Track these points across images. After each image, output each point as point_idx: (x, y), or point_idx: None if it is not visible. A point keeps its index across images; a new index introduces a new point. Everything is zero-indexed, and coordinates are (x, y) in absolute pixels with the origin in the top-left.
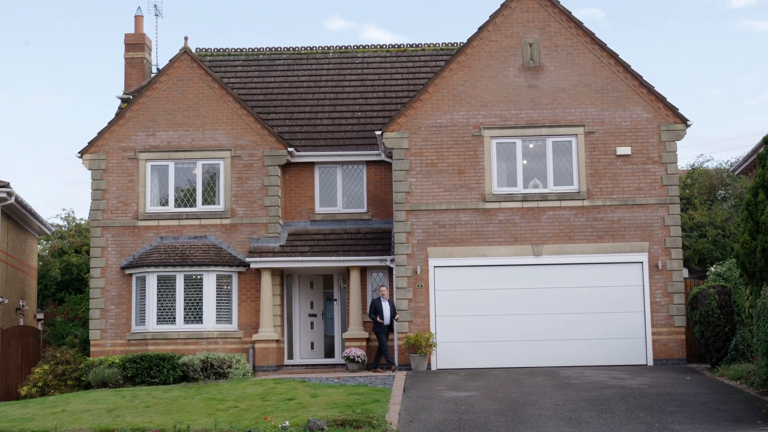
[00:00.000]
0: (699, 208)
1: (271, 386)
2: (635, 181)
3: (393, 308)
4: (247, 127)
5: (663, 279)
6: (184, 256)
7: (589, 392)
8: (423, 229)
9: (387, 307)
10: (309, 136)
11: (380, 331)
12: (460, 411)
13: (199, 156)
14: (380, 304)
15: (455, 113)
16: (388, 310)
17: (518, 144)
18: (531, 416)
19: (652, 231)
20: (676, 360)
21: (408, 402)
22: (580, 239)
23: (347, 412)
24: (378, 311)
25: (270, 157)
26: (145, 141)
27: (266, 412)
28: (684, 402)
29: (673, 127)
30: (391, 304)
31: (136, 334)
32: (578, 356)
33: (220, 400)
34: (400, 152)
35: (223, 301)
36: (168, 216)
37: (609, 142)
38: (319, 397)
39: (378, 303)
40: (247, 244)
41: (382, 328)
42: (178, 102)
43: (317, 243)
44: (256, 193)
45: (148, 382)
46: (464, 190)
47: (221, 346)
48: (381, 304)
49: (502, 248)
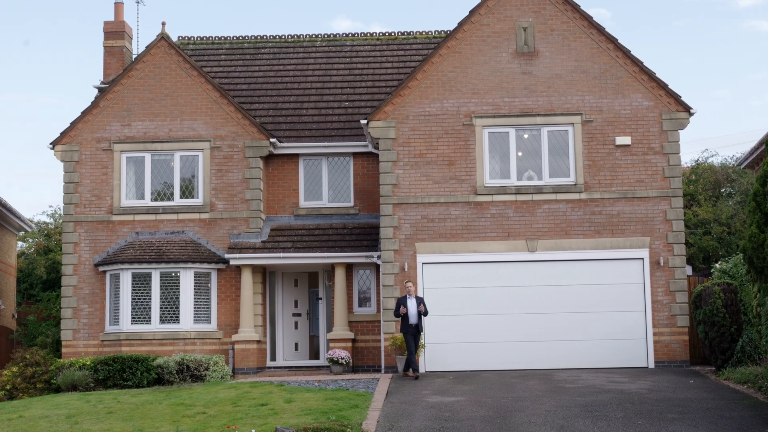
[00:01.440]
0: (703, 205)
1: (245, 390)
2: (635, 173)
3: (421, 306)
4: (228, 117)
5: (665, 276)
6: (160, 253)
7: (585, 397)
8: (411, 223)
9: (413, 305)
10: (293, 126)
11: (406, 332)
12: (443, 418)
13: (176, 147)
14: (405, 301)
15: (445, 101)
16: (414, 307)
17: (512, 133)
18: (519, 424)
19: (653, 225)
20: (679, 362)
21: (389, 408)
22: (577, 234)
23: (321, 419)
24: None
25: (251, 149)
26: (120, 131)
27: (235, 419)
28: (686, 408)
29: (675, 115)
30: (418, 301)
31: (110, 335)
32: (575, 358)
33: (189, 405)
34: (387, 142)
35: (201, 299)
36: (144, 210)
37: (608, 132)
38: (293, 402)
39: (403, 301)
40: (227, 239)
41: (408, 329)
42: (155, 90)
43: (301, 239)
44: (236, 186)
45: (120, 385)
46: (454, 182)
47: (199, 348)
48: (406, 302)
49: (494, 244)
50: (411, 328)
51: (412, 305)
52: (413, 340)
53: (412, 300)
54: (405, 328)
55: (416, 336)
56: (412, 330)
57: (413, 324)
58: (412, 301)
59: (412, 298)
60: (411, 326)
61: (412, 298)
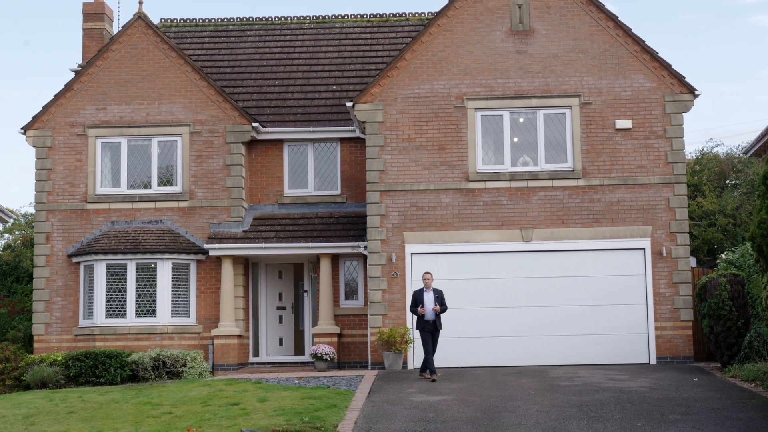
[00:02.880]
0: (708, 196)
1: (219, 388)
2: (636, 158)
3: (440, 300)
4: (208, 101)
5: (667, 267)
6: (136, 243)
7: (581, 396)
8: (399, 211)
9: (430, 299)
10: (278, 111)
11: (423, 329)
12: (426, 419)
13: (154, 132)
14: (421, 295)
15: (435, 82)
16: (432, 302)
17: (506, 117)
18: (508, 426)
19: (655, 214)
20: (682, 358)
21: (369, 408)
22: (575, 223)
23: (294, 420)
24: (419, 304)
25: (233, 134)
26: (95, 116)
27: (202, 420)
28: (690, 408)
29: (679, 97)
30: (436, 295)
31: (84, 329)
32: (572, 354)
33: (156, 404)
34: (374, 126)
35: (179, 292)
36: (120, 198)
37: (607, 115)
38: (267, 401)
39: (419, 295)
40: (207, 229)
41: (425, 326)
42: (132, 72)
43: (285, 228)
44: (217, 173)
45: (93, 382)
46: (445, 168)
47: (177, 343)
48: (423, 296)
49: (487, 233)
50: (428, 325)
51: (429, 300)
52: (431, 339)
53: (429, 294)
54: (421, 324)
55: (434, 334)
56: (429, 327)
57: (430, 320)
58: (429, 295)
59: (429, 292)
60: (428, 323)
61: (429, 292)
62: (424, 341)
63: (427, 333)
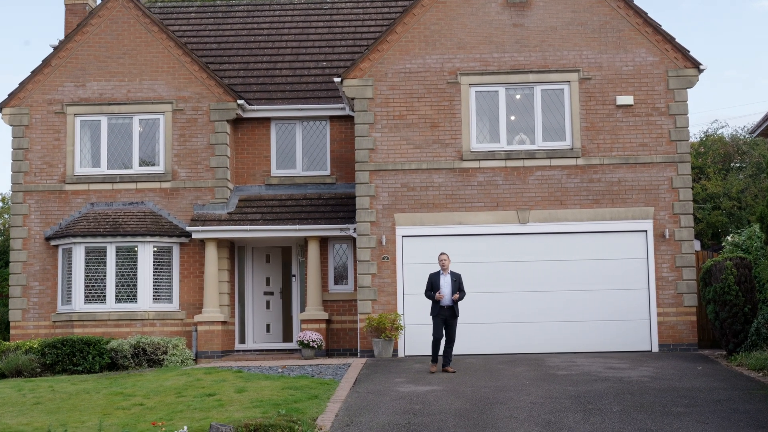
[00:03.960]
0: (713, 178)
1: (198, 377)
2: (638, 136)
3: (458, 285)
4: (191, 77)
5: (671, 250)
6: (116, 225)
7: (578, 387)
8: (389, 192)
9: (447, 283)
10: (265, 88)
11: (437, 314)
12: (412, 412)
13: (135, 110)
14: (438, 279)
15: (428, 57)
16: (449, 286)
17: (501, 93)
18: (498, 419)
19: (657, 194)
20: (686, 345)
21: (353, 399)
22: (574, 204)
23: (270, 412)
24: (435, 289)
25: (217, 111)
26: (74, 93)
27: (174, 412)
28: (694, 400)
29: (683, 72)
30: (454, 279)
31: (62, 315)
32: (570, 341)
33: (129, 395)
34: (363, 102)
35: (162, 276)
36: (100, 179)
37: (608, 90)
38: (246, 392)
39: (435, 278)
40: (190, 211)
41: (440, 312)
42: (112, 48)
43: (271, 210)
44: (201, 152)
45: (70, 370)
46: (438, 146)
47: (159, 329)
48: (439, 279)
49: (481, 215)
50: (443, 311)
51: (446, 284)
52: (443, 326)
53: (447, 278)
54: (436, 310)
55: (450, 322)
56: (444, 314)
57: (446, 306)
58: (447, 279)
59: (446, 275)
60: (443, 309)
61: (446, 275)
62: (435, 327)
63: (440, 320)
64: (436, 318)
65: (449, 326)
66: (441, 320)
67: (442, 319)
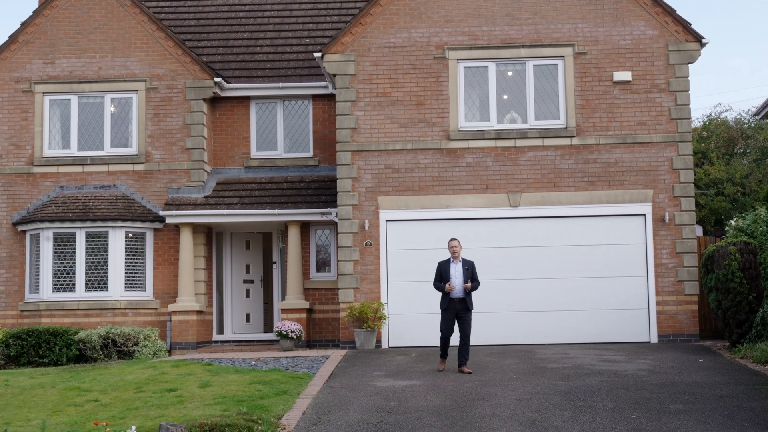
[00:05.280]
0: (716, 163)
1: (163, 371)
2: (637, 114)
3: (471, 274)
4: (166, 53)
5: (671, 235)
6: (85, 209)
7: (569, 381)
8: (373, 174)
9: (459, 273)
10: (245, 66)
11: (447, 308)
12: (386, 409)
13: (107, 88)
14: (448, 267)
15: (413, 30)
16: (461, 276)
17: (491, 68)
18: (479, 418)
19: (657, 176)
20: (686, 336)
21: (325, 395)
22: (568, 186)
23: (232, 410)
24: (445, 279)
25: (193, 89)
26: (43, 70)
27: (128, 409)
28: (694, 396)
29: (683, 46)
30: (466, 267)
31: (29, 304)
32: (563, 332)
33: (86, 390)
34: (345, 79)
35: (134, 264)
36: (70, 161)
37: (604, 66)
38: (210, 387)
39: (445, 266)
40: (165, 194)
41: (450, 305)
42: (83, 23)
43: (250, 194)
44: (176, 133)
45: (36, 362)
46: (424, 125)
47: (132, 319)
48: (449, 268)
49: (470, 198)
50: (454, 304)
51: (457, 273)
52: (453, 320)
53: (458, 266)
54: (445, 303)
55: (463, 315)
56: (455, 307)
57: (457, 298)
58: (458, 267)
59: (457, 263)
60: (454, 302)
61: (457, 263)
62: (444, 322)
63: (450, 314)
64: (446, 312)
65: (462, 320)
66: (451, 314)
67: (453, 313)
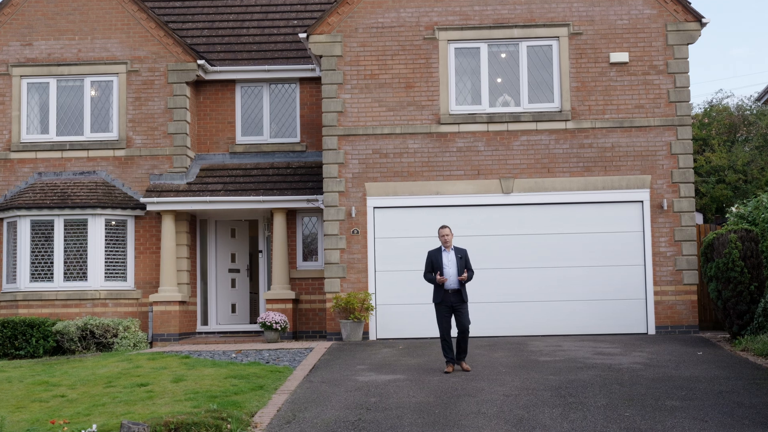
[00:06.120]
0: (717, 150)
1: (138, 364)
2: (634, 97)
3: (465, 263)
4: (147, 35)
5: (669, 223)
6: (64, 196)
7: (560, 376)
8: (360, 159)
9: (451, 262)
10: (230, 48)
11: (441, 301)
12: (366, 406)
13: (87, 71)
14: (439, 257)
15: (402, 10)
16: (454, 266)
17: (483, 49)
18: (463, 415)
19: (655, 161)
20: (685, 327)
21: (303, 390)
22: (562, 172)
23: (202, 406)
24: (436, 269)
25: (175, 72)
26: (20, 53)
27: (94, 405)
28: (692, 392)
29: (683, 26)
30: (459, 256)
31: (6, 295)
32: (557, 323)
33: (54, 384)
34: (331, 61)
35: (115, 252)
36: (48, 146)
37: (600, 47)
38: (184, 381)
39: (436, 256)
40: (146, 181)
41: (444, 299)
42: (62, 3)
43: (234, 180)
44: (158, 117)
45: (12, 354)
46: (413, 109)
47: (112, 310)
48: (441, 258)
49: (461, 184)
50: (449, 297)
51: (450, 263)
52: (450, 315)
53: (450, 255)
54: (439, 296)
55: (457, 309)
56: (450, 300)
57: (451, 290)
58: (450, 256)
59: (449, 252)
60: (448, 294)
61: (449, 252)
62: (440, 319)
63: (445, 308)
64: (440, 306)
65: (458, 313)
66: (447, 308)
67: (448, 307)
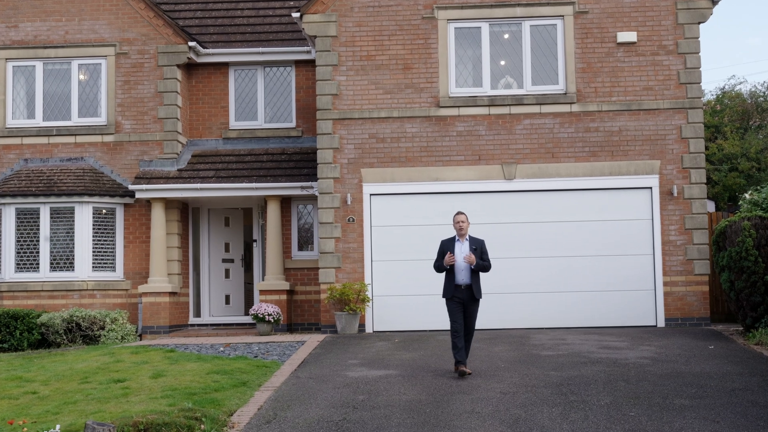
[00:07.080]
0: (729, 138)
1: (119, 358)
2: (642, 78)
3: (480, 255)
4: (136, 16)
5: (679, 210)
6: (50, 184)
7: (562, 371)
8: (356, 144)
9: (463, 252)
10: (224, 30)
11: (452, 296)
12: (353, 404)
13: (74, 54)
14: (452, 247)
15: None
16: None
17: (484, 29)
18: (455, 415)
19: (664, 145)
20: (696, 320)
21: (289, 387)
22: (567, 157)
23: (179, 404)
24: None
25: (166, 55)
26: (6, 35)
27: (66, 403)
28: (702, 389)
29: (694, 3)
30: (474, 247)
31: None
32: (562, 315)
33: (28, 380)
34: (326, 41)
35: (103, 242)
36: (35, 132)
37: (607, 26)
38: (163, 377)
39: (448, 245)
40: (136, 167)
41: (455, 293)
42: None
43: (227, 166)
44: (148, 101)
45: None
46: (411, 91)
47: (100, 301)
48: (453, 248)
49: (461, 170)
50: (460, 291)
51: (461, 253)
52: (461, 312)
53: (464, 245)
54: (450, 291)
55: (468, 305)
56: (460, 294)
57: (462, 285)
58: (464, 246)
59: (463, 242)
60: (460, 289)
61: (463, 242)
62: (453, 314)
63: (456, 304)
64: (451, 302)
65: (468, 313)
66: (458, 304)
67: (459, 302)
